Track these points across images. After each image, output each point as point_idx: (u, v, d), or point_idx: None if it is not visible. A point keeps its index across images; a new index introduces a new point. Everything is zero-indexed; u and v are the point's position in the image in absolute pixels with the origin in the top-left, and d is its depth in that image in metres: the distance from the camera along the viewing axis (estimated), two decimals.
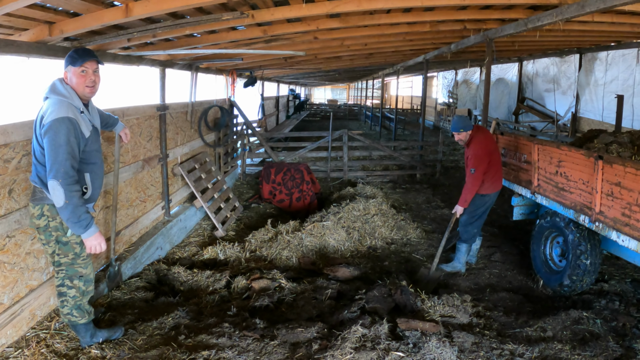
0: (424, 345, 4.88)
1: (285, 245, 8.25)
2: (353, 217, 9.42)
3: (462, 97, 27.84)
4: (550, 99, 18.52)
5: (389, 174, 15.28)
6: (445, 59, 16.98)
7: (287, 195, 11.61)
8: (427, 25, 9.49)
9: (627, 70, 13.81)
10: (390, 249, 8.74)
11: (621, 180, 5.67)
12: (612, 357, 5.05)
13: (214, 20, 6.18)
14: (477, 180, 7.38)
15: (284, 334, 5.18)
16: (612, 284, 7.18)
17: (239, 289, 6.67)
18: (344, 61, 16.58)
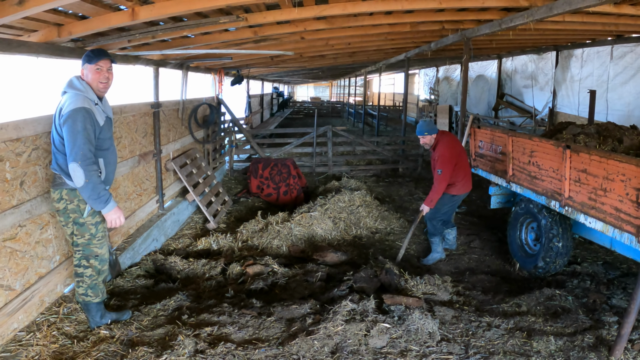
0: (408, 317, 5.35)
1: (276, 235, 8.53)
2: (339, 208, 9.73)
3: (443, 94, 28.12)
4: (528, 95, 18.88)
5: (372, 168, 15.65)
6: (425, 57, 17.25)
7: (275, 190, 11.94)
8: (407, 25, 9.81)
9: (602, 67, 14.22)
10: (374, 238, 9.11)
11: (587, 167, 6.14)
12: (581, 328, 5.54)
13: (212, 23, 6.53)
14: (444, 181, 7.67)
15: (280, 311, 5.59)
16: (585, 266, 7.70)
17: (234, 275, 7.00)
18: (328, 59, 16.81)
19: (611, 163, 5.78)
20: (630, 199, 5.55)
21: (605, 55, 14.00)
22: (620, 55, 13.41)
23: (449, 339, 5.24)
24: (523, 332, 5.43)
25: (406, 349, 4.93)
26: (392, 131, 27.56)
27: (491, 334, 5.38)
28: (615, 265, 7.82)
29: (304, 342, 4.84)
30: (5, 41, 5.18)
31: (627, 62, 13.13)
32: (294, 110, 42.89)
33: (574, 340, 5.27)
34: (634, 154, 6.41)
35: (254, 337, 5.06)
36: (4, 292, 4.88)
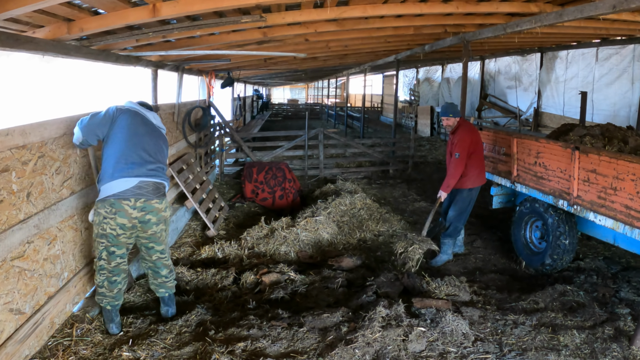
0: (441, 320, 5.47)
1: (283, 241, 8.44)
2: (341, 212, 9.79)
3: (424, 95, 28.34)
4: (512, 96, 19.31)
5: (362, 170, 15.70)
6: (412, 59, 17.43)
7: (270, 194, 11.88)
8: (411, 29, 9.87)
9: (587, 68, 14.70)
10: (379, 240, 9.13)
11: (596, 167, 6.40)
12: (599, 321, 5.79)
13: (233, 23, 6.41)
14: (460, 166, 7.71)
15: (311, 321, 5.52)
16: (587, 261, 7.98)
17: (249, 284, 6.87)
18: (318, 61, 16.94)
19: (621, 163, 6.04)
20: None
21: (591, 57, 14.46)
22: (606, 57, 13.87)
23: (481, 338, 5.38)
24: (548, 327, 5.62)
25: (444, 351, 5.04)
26: (374, 132, 27.69)
27: (519, 331, 5.55)
28: (615, 260, 8.11)
29: (345, 351, 4.84)
30: (12, 37, 4.82)
31: (613, 63, 13.60)
32: (273, 112, 42.88)
33: (595, 332, 5.49)
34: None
35: (291, 350, 5.00)
36: (14, 317, 4.55)
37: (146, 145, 5.37)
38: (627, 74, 13.38)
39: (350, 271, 7.45)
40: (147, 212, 5.29)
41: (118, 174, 5.12)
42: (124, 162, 5.19)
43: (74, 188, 5.67)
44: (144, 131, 5.43)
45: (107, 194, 5.10)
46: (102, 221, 5.14)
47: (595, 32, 11.25)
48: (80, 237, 5.87)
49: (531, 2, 7.92)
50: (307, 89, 73.15)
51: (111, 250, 5.27)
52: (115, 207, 5.10)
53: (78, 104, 9.69)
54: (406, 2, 7.43)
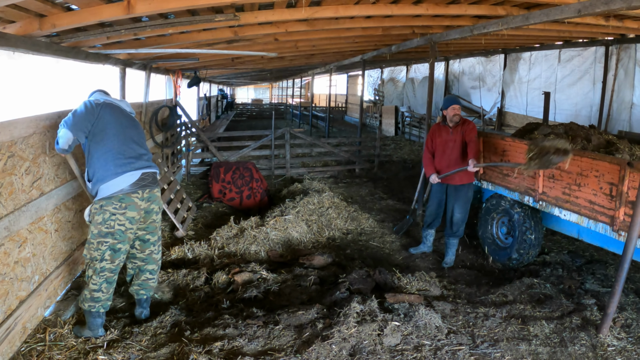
0: (414, 314, 5.57)
1: (252, 240, 8.43)
2: (309, 211, 9.81)
3: (388, 95, 28.49)
4: (476, 96, 19.63)
5: (329, 170, 15.76)
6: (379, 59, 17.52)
7: (238, 194, 11.84)
8: (380, 29, 9.92)
9: (550, 69, 15.05)
10: (347, 239, 9.23)
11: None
12: (567, 311, 6.01)
13: (206, 21, 6.35)
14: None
15: (286, 319, 5.54)
16: (552, 255, 8.21)
17: (221, 284, 6.84)
18: (285, 61, 16.93)
19: (585, 160, 6.29)
20: (604, 193, 6.03)
21: (553, 59, 14.84)
22: (568, 59, 14.23)
23: (454, 331, 5.52)
24: (518, 319, 5.81)
25: (419, 344, 5.15)
26: (338, 132, 27.80)
27: (490, 323, 5.72)
28: (579, 254, 8.37)
29: (322, 347, 4.89)
30: None
31: (575, 65, 13.97)
32: (237, 112, 42.70)
33: (563, 322, 5.70)
34: (604, 152, 6.90)
35: (268, 348, 5.03)
36: None
37: (134, 137, 5.45)
38: (588, 75, 13.68)
39: (322, 269, 7.48)
40: (152, 201, 5.47)
41: (122, 170, 5.17)
42: (123, 157, 5.22)
43: (43, 189, 5.58)
44: (127, 123, 5.48)
45: (114, 190, 5.12)
46: (109, 218, 5.15)
47: (558, 34, 11.51)
48: (50, 239, 5.79)
49: (499, 6, 8.06)
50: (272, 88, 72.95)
51: (117, 248, 5.27)
52: (125, 202, 5.16)
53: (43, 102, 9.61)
54: (377, 3, 7.50)
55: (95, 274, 5.26)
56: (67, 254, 6.31)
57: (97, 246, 5.21)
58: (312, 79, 28.94)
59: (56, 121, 5.65)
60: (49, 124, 5.68)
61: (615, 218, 5.93)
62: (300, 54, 14.22)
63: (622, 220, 5.86)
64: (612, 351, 5.20)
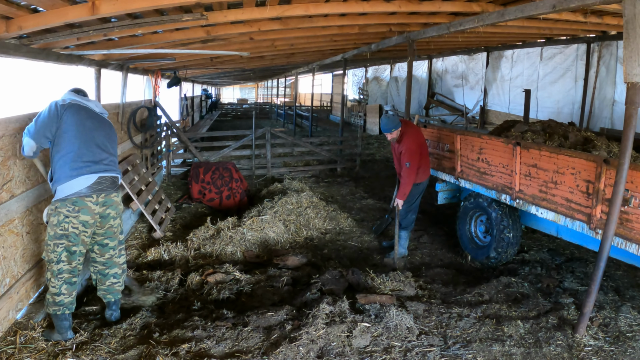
0: (385, 315, 5.49)
1: (229, 241, 8.36)
2: (287, 211, 9.73)
3: (372, 94, 28.55)
4: (459, 94, 19.64)
5: (310, 169, 15.70)
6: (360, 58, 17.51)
7: (217, 194, 11.75)
8: (356, 27, 9.90)
9: (532, 67, 15.10)
10: (325, 238, 9.16)
11: (537, 162, 6.57)
12: (543, 311, 5.94)
13: (174, 21, 6.27)
14: (413, 173, 7.78)
15: (255, 320, 5.47)
16: (532, 254, 8.16)
17: (194, 285, 6.77)
18: (266, 60, 16.80)
19: (561, 158, 6.22)
20: (580, 190, 5.97)
21: (535, 56, 14.87)
22: (550, 56, 14.29)
23: (426, 332, 5.43)
24: (492, 319, 5.73)
25: (389, 346, 5.06)
26: (323, 131, 27.74)
27: (464, 323, 5.63)
28: (559, 252, 8.33)
29: (289, 349, 4.82)
30: None
31: (557, 62, 14.02)
32: (222, 112, 42.49)
33: (539, 322, 5.63)
34: (581, 149, 6.84)
35: (235, 350, 4.96)
36: None
37: (97, 140, 5.37)
38: (570, 73, 13.74)
39: (296, 269, 7.41)
40: (107, 206, 5.39)
41: (77, 173, 5.11)
42: (80, 160, 5.16)
43: (14, 191, 5.49)
44: (92, 125, 5.40)
45: (68, 193, 5.07)
46: (63, 221, 5.10)
47: (539, 31, 11.54)
48: (21, 242, 5.68)
49: (473, 2, 8.02)
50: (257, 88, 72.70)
51: (72, 250, 5.20)
52: (78, 205, 5.11)
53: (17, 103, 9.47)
54: (348, 1, 7.44)
55: (54, 276, 5.19)
56: (39, 256, 6.18)
57: (53, 248, 5.16)
58: (296, 78, 28.85)
59: (26, 123, 5.54)
60: (18, 126, 5.59)
61: (592, 216, 5.88)
62: (279, 53, 14.09)
63: (599, 218, 5.80)
64: (588, 351, 5.12)
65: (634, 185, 5.32)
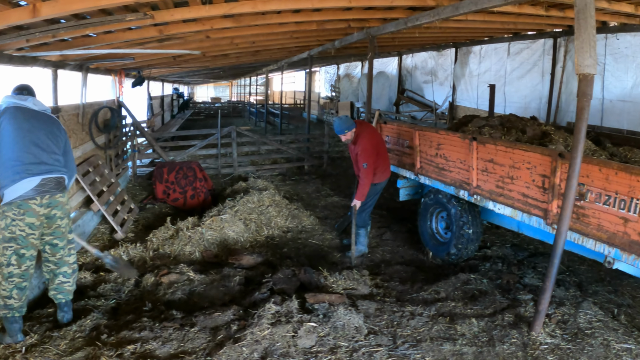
0: (333, 314, 5.40)
1: (187, 241, 8.29)
2: (249, 210, 9.61)
3: (344, 91, 28.48)
4: (428, 90, 19.59)
5: (278, 167, 15.60)
6: (329, 55, 17.45)
7: (181, 194, 11.59)
8: (314, 24, 9.79)
9: (499, 62, 15.06)
10: (287, 237, 9.09)
11: (494, 157, 6.50)
12: (500, 308, 5.86)
13: (118, 21, 6.23)
14: (370, 174, 7.70)
15: (203, 320, 5.43)
16: (494, 249, 8.15)
17: (149, 286, 6.70)
18: (231, 58, 16.62)
19: (517, 152, 6.15)
20: (536, 185, 5.92)
21: (503, 52, 14.85)
22: (517, 52, 14.27)
23: (375, 331, 5.33)
24: (446, 317, 5.65)
25: (335, 346, 4.97)
26: (294, 129, 27.66)
27: (415, 322, 5.54)
28: (523, 247, 8.31)
29: (232, 350, 4.75)
30: None
31: (524, 57, 14.01)
32: (195, 111, 42.18)
33: (494, 320, 5.55)
34: (538, 143, 6.77)
35: (180, 351, 4.91)
36: None
37: (37, 140, 5.29)
38: (537, 68, 13.71)
39: (251, 269, 7.32)
40: (52, 207, 5.33)
41: (19, 177, 5.07)
42: (21, 164, 5.12)
43: None
44: (31, 126, 5.31)
45: (13, 196, 5.06)
46: (10, 224, 5.10)
47: (503, 26, 11.49)
48: None
49: None
50: (231, 86, 72.45)
51: (21, 253, 5.18)
52: (23, 208, 5.10)
53: None
54: None
55: (4, 279, 5.15)
56: None
57: (2, 251, 5.13)
58: (267, 76, 28.74)
59: None
60: None
61: (549, 211, 5.82)
62: (243, 51, 13.93)
63: (556, 213, 5.73)
64: (544, 349, 5.03)
65: (589, 180, 5.26)
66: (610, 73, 11.07)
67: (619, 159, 6.58)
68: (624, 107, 10.83)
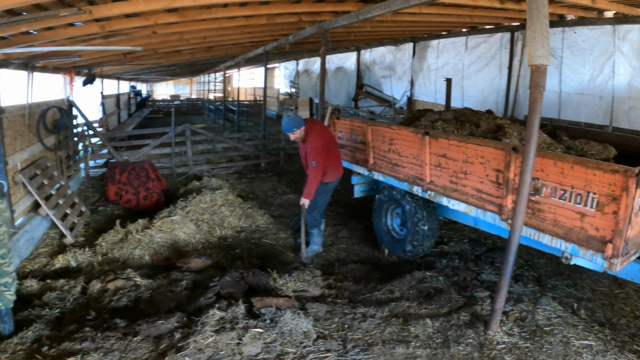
0: (280, 319, 5.19)
1: (137, 244, 8.06)
2: (201, 210, 9.42)
3: (303, 87, 28.41)
4: (387, 85, 19.61)
5: (234, 165, 15.37)
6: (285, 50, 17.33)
7: (134, 195, 11.29)
8: (264, 18, 9.63)
9: (457, 56, 15.09)
10: (240, 237, 8.88)
11: (446, 152, 6.38)
12: (456, 307, 5.75)
13: (52, 17, 6.04)
14: (319, 172, 7.57)
15: (146, 329, 5.21)
16: (452, 245, 8.06)
17: (96, 293, 6.44)
18: (184, 55, 16.39)
19: (470, 147, 6.04)
20: (490, 180, 5.82)
21: (460, 46, 14.90)
22: (475, 46, 14.32)
23: (325, 335, 5.19)
24: (399, 318, 5.52)
25: (282, 353, 4.81)
26: (254, 126, 27.44)
27: (367, 324, 5.40)
28: (481, 242, 8.25)
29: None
30: None
31: (481, 51, 14.06)
32: (154, 109, 41.63)
33: (450, 319, 5.43)
34: (491, 137, 6.65)
35: None
36: None
37: None
38: (495, 61, 13.75)
39: (199, 272, 7.10)
40: None
41: None
42: None
43: None
44: None
45: None
46: None
47: (459, 20, 11.45)
48: None
49: None
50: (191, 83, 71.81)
51: None
52: None
53: None
54: None
55: None
56: None
57: None
58: (224, 73, 28.41)
59: None
60: None
61: (503, 206, 5.72)
62: (195, 47, 13.73)
63: (510, 208, 5.63)
64: (501, 349, 4.94)
65: (544, 174, 5.18)
66: (567, 66, 11.12)
67: (575, 152, 6.48)
68: (582, 100, 10.89)
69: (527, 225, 5.38)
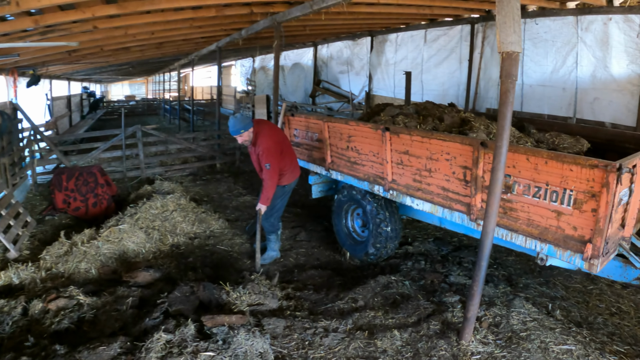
0: (233, 340, 4.72)
1: (82, 257, 7.46)
2: (151, 216, 8.93)
3: (260, 84, 28.26)
4: (345, 80, 19.51)
5: (188, 167, 14.94)
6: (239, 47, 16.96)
7: (83, 202, 10.70)
8: (212, 9, 9.25)
9: (416, 50, 14.98)
10: (194, 244, 8.42)
11: (409, 148, 6.06)
12: (425, 315, 5.42)
13: None
14: (275, 175, 7.18)
15: (87, 356, 4.66)
16: (416, 245, 7.79)
17: (37, 314, 5.85)
18: (134, 53, 15.86)
19: (434, 142, 5.75)
20: (457, 178, 5.56)
21: (420, 39, 14.79)
22: (434, 39, 14.21)
23: (283, 356, 4.79)
24: (364, 331, 5.17)
25: None
26: (210, 125, 27.18)
27: (330, 340, 5.03)
28: (447, 240, 8.01)
29: None
30: None
31: (441, 44, 13.97)
32: (108, 110, 40.84)
33: (419, 330, 5.13)
34: (457, 132, 6.35)
35: None
36: None
37: None
38: (455, 54, 13.68)
39: (148, 286, 6.54)
40: None
41: None
42: None
43: None
44: None
45: None
46: None
47: (419, 11, 11.30)
48: None
49: None
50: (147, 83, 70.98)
51: None
52: None
53: None
54: None
55: None
56: None
57: None
58: (178, 71, 27.91)
59: None
60: None
61: (472, 206, 5.44)
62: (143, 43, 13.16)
63: (480, 208, 5.36)
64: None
65: (516, 170, 4.90)
66: (529, 58, 11.03)
67: (547, 146, 6.17)
68: (545, 92, 10.82)
69: (499, 225, 5.09)
